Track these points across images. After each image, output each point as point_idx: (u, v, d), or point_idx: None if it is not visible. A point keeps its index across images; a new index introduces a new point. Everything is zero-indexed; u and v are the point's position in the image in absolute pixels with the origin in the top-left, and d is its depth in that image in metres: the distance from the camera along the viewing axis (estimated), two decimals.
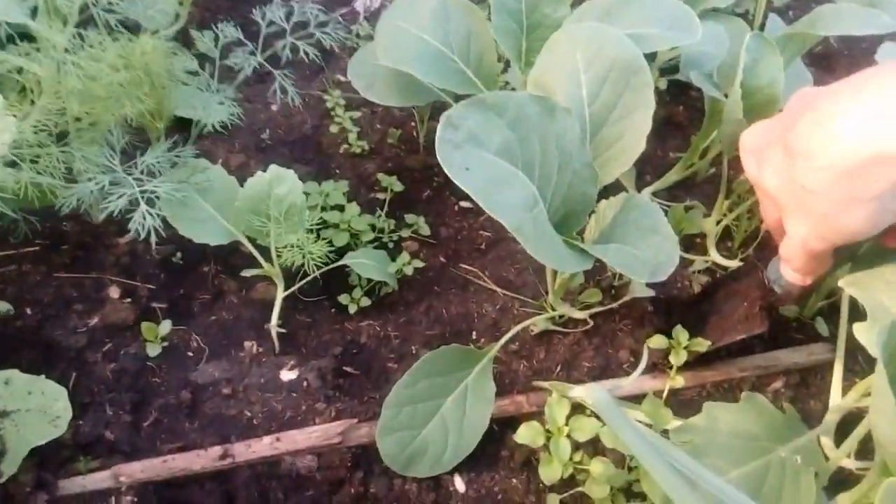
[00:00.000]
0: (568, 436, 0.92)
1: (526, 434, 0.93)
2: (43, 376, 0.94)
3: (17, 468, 0.86)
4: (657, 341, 1.03)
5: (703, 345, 1.02)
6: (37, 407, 0.91)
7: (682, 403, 1.06)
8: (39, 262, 1.10)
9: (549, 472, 0.91)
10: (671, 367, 1.03)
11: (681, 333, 1.03)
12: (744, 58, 1.03)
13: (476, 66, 1.11)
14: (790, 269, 0.85)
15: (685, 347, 1.02)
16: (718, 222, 1.25)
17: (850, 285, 0.83)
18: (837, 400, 1.01)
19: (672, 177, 1.34)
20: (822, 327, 1.17)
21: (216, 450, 0.93)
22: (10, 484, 0.86)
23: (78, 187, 0.91)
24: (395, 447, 0.95)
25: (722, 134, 1.12)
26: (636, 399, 0.99)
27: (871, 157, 0.63)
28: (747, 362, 1.10)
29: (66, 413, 0.92)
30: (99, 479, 0.91)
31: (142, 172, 0.95)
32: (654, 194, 1.34)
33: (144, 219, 0.90)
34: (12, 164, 0.88)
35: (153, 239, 0.92)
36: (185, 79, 1.02)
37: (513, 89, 1.33)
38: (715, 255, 1.24)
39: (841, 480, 0.98)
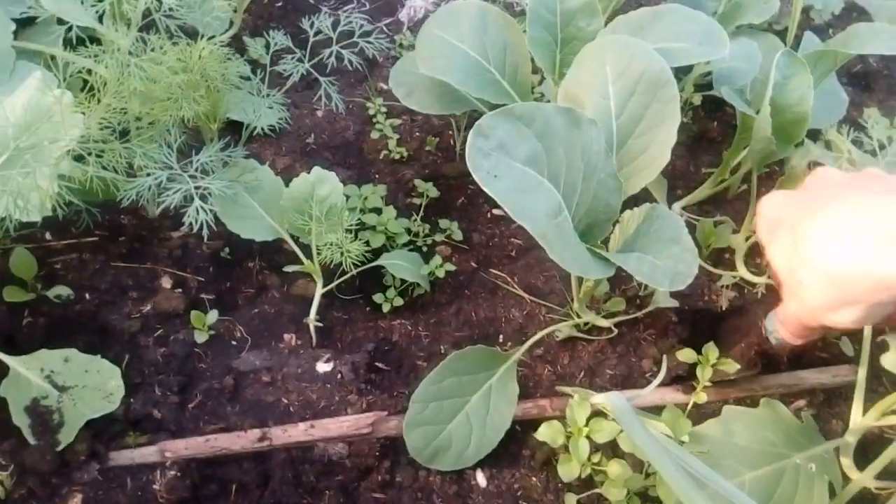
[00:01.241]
0: (587, 437, 0.95)
1: (546, 433, 0.96)
2: (99, 356, 1.02)
3: (73, 438, 0.94)
4: (686, 355, 1.05)
5: (731, 366, 1.03)
6: (92, 384, 0.99)
7: (704, 416, 1.07)
8: (98, 251, 1.18)
9: (568, 471, 0.95)
10: (695, 380, 1.05)
11: (711, 351, 1.04)
12: (774, 75, 1.06)
13: (511, 77, 1.16)
14: (784, 330, 0.90)
15: (713, 365, 1.04)
16: (747, 238, 1.27)
17: None
18: (858, 419, 1.02)
19: (703, 192, 1.36)
20: (846, 347, 1.18)
21: (255, 432, 1.00)
22: (67, 452, 0.94)
23: (138, 181, 0.99)
24: (421, 441, 1.00)
25: (752, 150, 1.15)
26: (659, 410, 1.01)
27: (860, 277, 0.68)
28: (771, 380, 1.12)
29: (119, 390, 0.99)
30: (147, 454, 0.98)
31: (196, 170, 1.02)
32: (685, 209, 1.36)
33: (198, 213, 0.97)
34: (79, 158, 0.96)
35: (205, 233, 0.99)
36: (238, 83, 1.09)
37: (547, 101, 1.37)
38: (743, 271, 1.25)
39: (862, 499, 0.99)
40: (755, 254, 1.29)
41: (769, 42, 1.33)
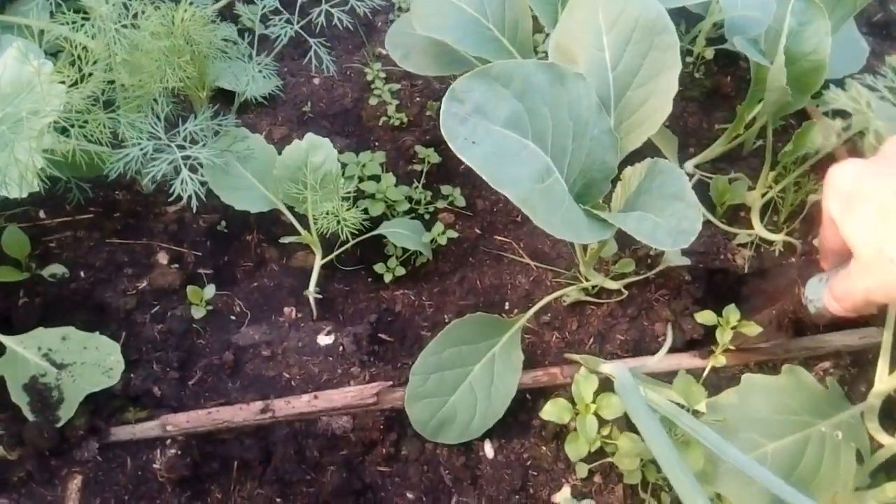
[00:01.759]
0: (595, 413, 0.90)
1: (552, 411, 0.92)
2: (97, 333, 1.00)
3: (73, 413, 0.92)
4: (705, 317, 1.01)
5: (753, 328, 0.99)
6: (92, 360, 0.97)
7: (723, 380, 1.04)
8: (93, 228, 1.16)
9: (576, 450, 0.91)
10: (713, 344, 1.00)
11: (731, 313, 1.00)
12: (789, 21, 1.00)
13: (511, 34, 1.11)
14: (837, 305, 0.83)
15: (733, 328, 0.99)
16: (763, 195, 1.22)
17: None
18: (884, 378, 0.98)
19: (716, 149, 1.30)
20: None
21: (257, 404, 0.97)
22: (67, 428, 0.92)
23: (124, 152, 0.95)
24: (425, 414, 0.97)
25: (767, 102, 1.09)
26: (675, 376, 0.96)
27: None
28: (794, 343, 1.07)
29: (119, 366, 0.97)
30: (148, 428, 0.96)
31: (185, 140, 0.99)
32: (698, 167, 1.30)
33: (186, 184, 0.94)
34: (63, 131, 0.92)
35: (194, 204, 0.95)
36: (224, 46, 1.04)
37: None
38: (759, 229, 1.20)
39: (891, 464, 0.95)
40: (771, 211, 1.23)
41: None
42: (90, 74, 0.96)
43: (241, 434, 0.97)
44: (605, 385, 0.93)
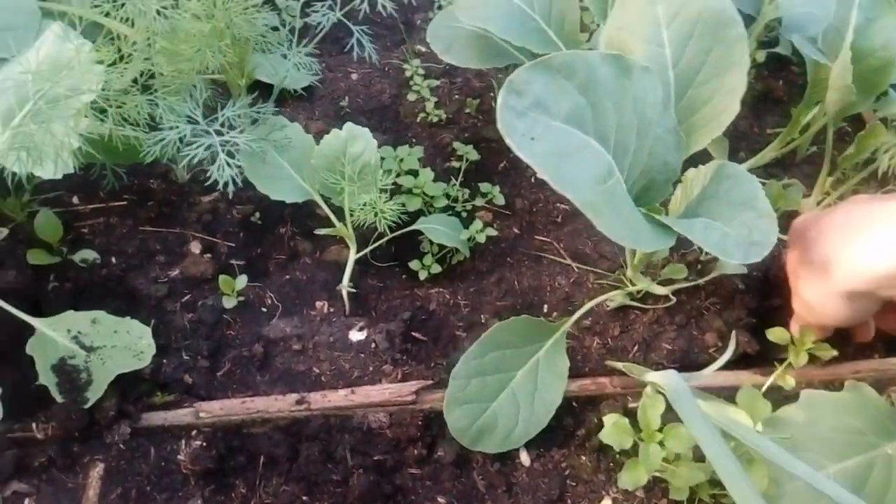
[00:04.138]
0: (659, 442, 0.83)
1: (613, 434, 0.85)
2: (128, 318, 0.97)
3: (101, 395, 0.90)
4: (778, 335, 0.95)
5: (828, 352, 0.93)
6: (122, 344, 0.94)
7: (786, 399, 0.97)
8: (126, 216, 1.14)
9: (634, 478, 0.83)
10: (767, 361, 0.95)
11: (808, 333, 0.93)
12: (855, 16, 0.95)
13: (558, 26, 1.07)
14: (799, 315, 0.96)
15: (808, 350, 0.93)
16: (819, 202, 1.16)
17: None
18: None
19: (769, 154, 1.25)
20: None
21: (293, 396, 0.94)
22: (96, 410, 0.90)
23: (161, 134, 0.93)
24: (465, 420, 0.92)
25: (829, 102, 1.04)
26: (730, 391, 0.90)
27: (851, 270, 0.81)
28: (862, 365, 1.01)
29: (150, 349, 0.95)
30: (181, 415, 0.93)
31: (222, 125, 0.97)
32: (749, 172, 1.24)
33: (223, 170, 0.92)
34: (101, 111, 0.91)
35: (230, 189, 0.93)
36: (264, 31, 1.02)
37: None
38: None
39: None
40: None
41: None
42: (130, 56, 0.94)
43: (271, 428, 0.93)
44: (671, 412, 0.83)
